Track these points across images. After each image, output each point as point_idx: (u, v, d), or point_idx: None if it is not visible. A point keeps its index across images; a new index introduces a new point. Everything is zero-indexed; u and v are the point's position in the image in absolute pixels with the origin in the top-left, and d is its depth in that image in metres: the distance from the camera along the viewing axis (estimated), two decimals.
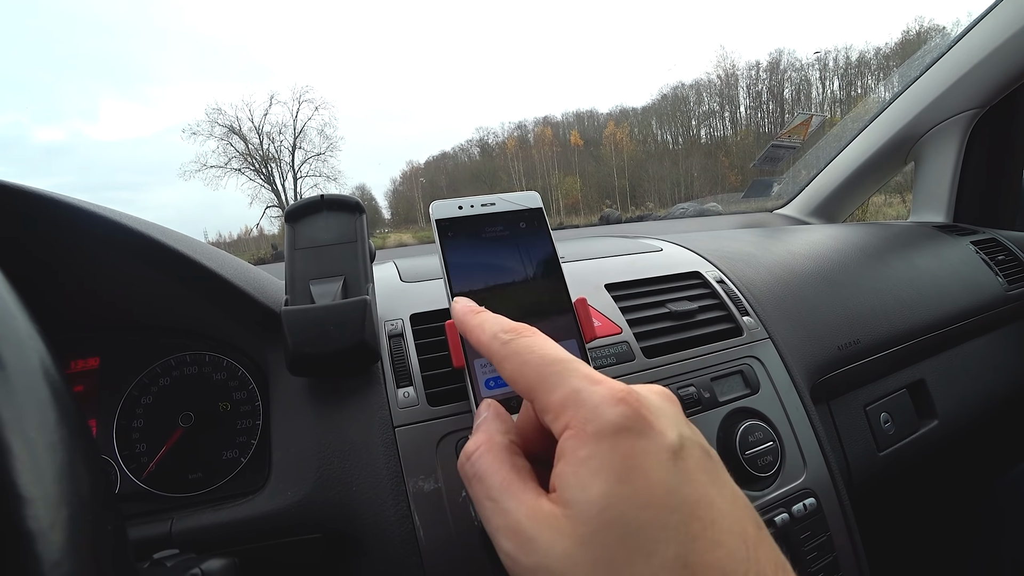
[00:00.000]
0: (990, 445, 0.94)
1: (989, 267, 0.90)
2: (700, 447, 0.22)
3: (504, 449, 0.25)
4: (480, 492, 0.24)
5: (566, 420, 0.22)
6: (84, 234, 0.37)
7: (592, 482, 0.20)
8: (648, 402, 0.22)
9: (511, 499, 0.22)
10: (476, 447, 0.25)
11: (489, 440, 0.25)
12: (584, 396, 0.22)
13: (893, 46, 25.41)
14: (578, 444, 0.21)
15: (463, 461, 0.26)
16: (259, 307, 0.42)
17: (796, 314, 0.63)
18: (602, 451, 0.20)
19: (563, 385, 0.22)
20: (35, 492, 0.14)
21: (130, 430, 0.43)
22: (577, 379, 0.22)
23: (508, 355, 0.25)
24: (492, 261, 0.41)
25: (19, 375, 0.16)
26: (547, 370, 0.23)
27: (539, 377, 0.23)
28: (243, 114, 17.85)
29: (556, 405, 0.22)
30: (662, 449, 0.20)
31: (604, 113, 31.87)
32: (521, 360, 0.25)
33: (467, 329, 0.29)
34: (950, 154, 1.07)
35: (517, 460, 0.24)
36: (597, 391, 0.22)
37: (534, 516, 0.21)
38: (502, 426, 0.26)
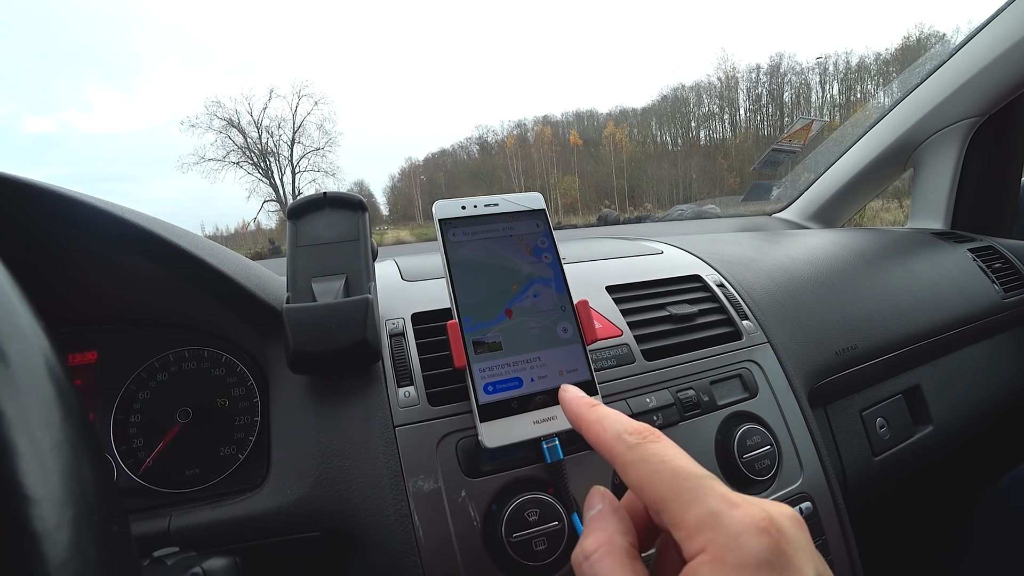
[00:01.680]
0: (985, 451, 0.95)
1: (986, 275, 0.90)
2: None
3: (625, 553, 0.24)
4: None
5: (703, 543, 0.21)
6: (84, 228, 0.37)
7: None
8: (788, 534, 0.21)
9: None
10: (596, 547, 0.24)
11: (610, 541, 0.24)
12: (723, 521, 0.21)
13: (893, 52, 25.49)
14: (716, 569, 0.20)
15: (580, 560, 0.25)
16: (260, 304, 0.42)
17: (795, 319, 0.63)
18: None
19: (699, 505, 0.22)
20: (41, 492, 0.14)
21: (127, 425, 0.42)
22: (715, 499, 0.22)
23: (635, 461, 0.24)
24: (494, 261, 0.41)
25: (24, 373, 0.16)
26: (681, 485, 0.22)
27: (672, 492, 0.23)
28: (242, 108, 17.76)
29: (692, 525, 0.21)
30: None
31: (604, 113, 31.85)
32: (652, 470, 0.24)
33: (583, 425, 0.28)
34: (949, 162, 1.08)
35: (638, 566, 0.24)
36: (737, 516, 0.21)
37: None
38: (621, 526, 0.25)
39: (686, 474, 0.23)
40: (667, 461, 0.23)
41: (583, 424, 0.28)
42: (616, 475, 0.43)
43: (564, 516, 0.39)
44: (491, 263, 0.41)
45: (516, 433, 0.37)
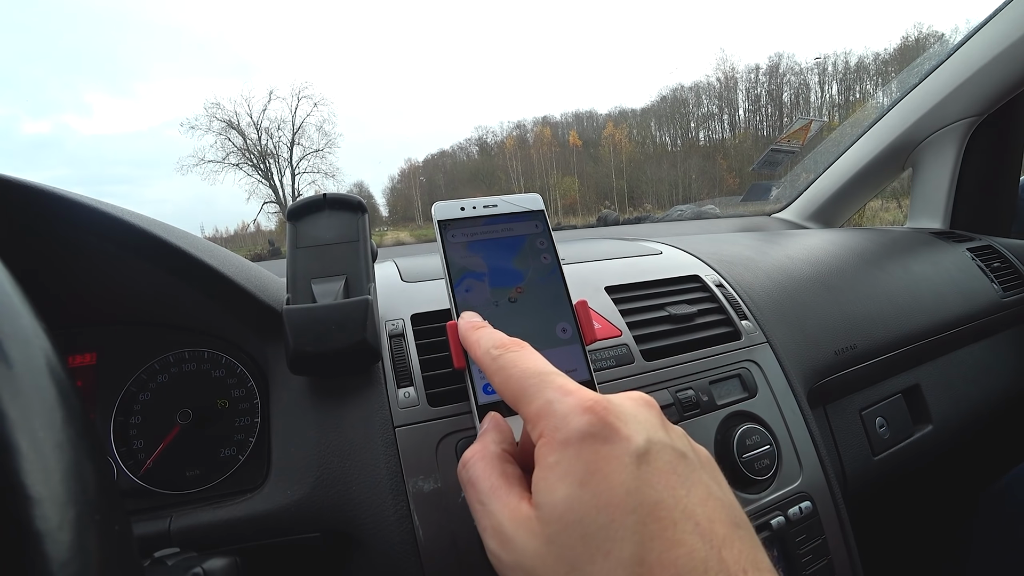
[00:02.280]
0: (985, 450, 0.95)
1: (985, 274, 0.90)
2: (672, 449, 0.23)
3: (496, 457, 0.27)
4: (472, 496, 0.26)
5: (540, 429, 0.23)
6: (84, 229, 0.37)
7: (557, 486, 0.21)
8: (618, 410, 0.23)
9: (496, 502, 0.24)
10: (472, 455, 0.27)
11: (483, 449, 0.27)
12: (555, 406, 0.23)
13: (892, 52, 25.52)
14: (548, 451, 0.22)
15: (460, 468, 0.28)
16: (260, 305, 0.42)
17: (794, 319, 0.63)
18: (568, 457, 0.22)
19: (538, 397, 0.24)
20: (43, 492, 0.14)
21: (127, 426, 0.42)
22: (551, 391, 0.24)
23: (496, 369, 0.27)
24: (493, 262, 0.41)
25: (25, 374, 0.16)
26: (526, 383, 0.25)
27: (520, 389, 0.25)
28: (241, 109, 17.76)
29: (533, 415, 0.24)
30: (625, 453, 0.21)
31: (603, 114, 31.88)
32: (506, 374, 0.27)
33: (467, 344, 0.32)
34: (947, 161, 1.08)
35: (507, 467, 0.26)
36: (567, 401, 0.23)
37: (514, 518, 0.23)
38: (498, 436, 0.28)
39: (532, 373, 0.26)
40: (519, 365, 0.26)
41: (467, 344, 0.32)
42: None
43: None
44: (490, 264, 0.41)
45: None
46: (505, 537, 0.23)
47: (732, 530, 0.20)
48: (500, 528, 0.23)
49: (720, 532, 0.20)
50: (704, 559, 0.19)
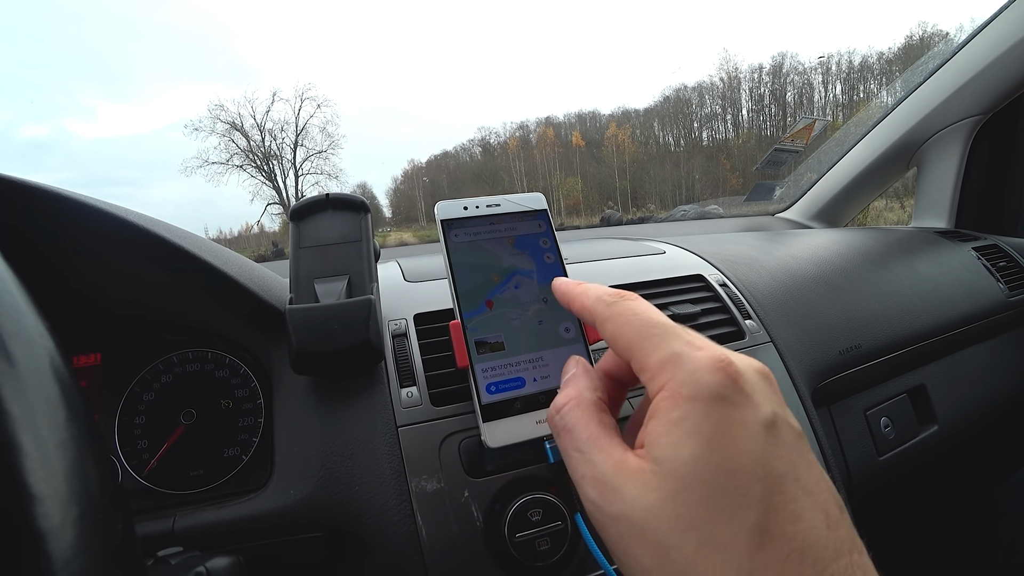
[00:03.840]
0: (990, 451, 0.94)
1: (990, 273, 0.90)
2: (791, 426, 0.22)
3: (592, 405, 0.26)
4: (568, 443, 0.25)
5: (663, 381, 0.22)
6: (89, 230, 0.37)
7: (684, 443, 0.21)
8: (746, 375, 0.22)
9: (599, 452, 0.23)
10: (567, 401, 0.26)
11: (579, 395, 0.26)
12: (684, 360, 0.22)
13: (896, 51, 25.41)
14: (673, 406, 0.21)
15: (552, 414, 0.27)
16: (263, 305, 0.43)
17: (798, 318, 0.63)
18: (697, 415, 0.21)
19: (664, 347, 0.23)
20: (46, 490, 0.14)
21: (132, 427, 0.43)
22: (679, 343, 0.23)
23: (611, 316, 0.26)
24: (496, 262, 0.41)
25: (29, 372, 0.16)
26: (648, 331, 0.24)
27: (640, 337, 0.24)
28: (245, 111, 17.82)
29: (655, 366, 0.23)
30: (755, 421, 0.21)
31: (606, 114, 31.81)
32: (623, 320, 0.25)
33: (571, 296, 0.30)
34: (952, 160, 1.07)
35: (604, 416, 0.25)
36: (698, 356, 0.22)
37: (621, 469, 0.22)
38: (590, 383, 0.27)
39: (654, 323, 0.24)
40: (639, 313, 0.25)
41: (570, 296, 0.30)
42: None
43: (567, 516, 0.39)
44: (493, 264, 0.41)
45: (519, 433, 0.37)
46: (610, 487, 0.22)
47: (840, 513, 0.21)
48: (603, 478, 0.22)
49: (833, 513, 0.20)
50: (823, 536, 0.19)
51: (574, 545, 0.39)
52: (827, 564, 0.19)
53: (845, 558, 0.19)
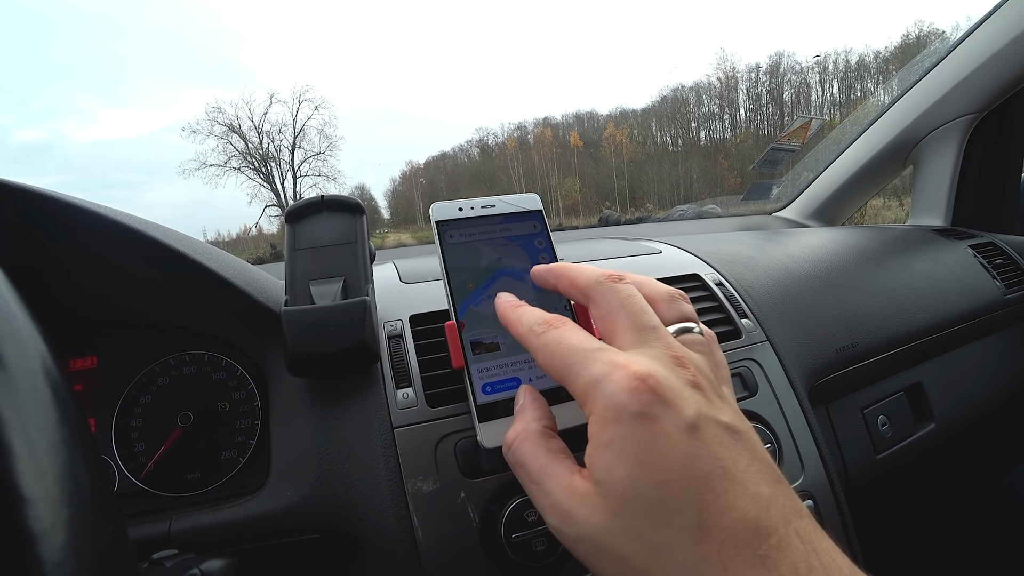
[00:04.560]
0: (988, 448, 0.94)
1: (987, 271, 0.90)
2: (716, 422, 0.23)
3: (539, 435, 0.27)
4: (523, 477, 0.27)
5: (590, 407, 0.24)
6: (85, 233, 0.37)
7: (616, 464, 0.22)
8: (667, 384, 0.23)
9: (549, 481, 0.25)
10: (515, 436, 0.28)
11: (525, 429, 0.28)
12: (603, 384, 0.24)
13: (893, 50, 25.45)
14: (601, 430, 0.23)
15: (505, 450, 0.28)
16: (259, 307, 0.43)
17: (795, 317, 0.63)
18: (622, 436, 0.22)
19: (585, 374, 0.24)
20: (37, 493, 0.14)
21: (128, 429, 0.43)
22: (598, 367, 0.24)
23: (540, 347, 0.27)
24: (492, 263, 0.41)
25: (21, 375, 0.16)
26: (571, 360, 0.25)
27: (565, 367, 0.26)
28: (243, 113, 17.81)
29: (580, 393, 0.25)
30: (676, 430, 0.22)
31: (604, 114, 31.84)
32: (550, 351, 0.27)
33: (508, 323, 0.32)
34: (949, 158, 1.08)
35: (552, 443, 0.27)
36: (616, 378, 0.23)
37: (571, 495, 0.24)
38: (536, 413, 0.29)
39: (577, 349, 0.26)
40: (563, 342, 0.26)
41: (508, 323, 0.31)
42: None
43: None
44: (489, 265, 0.41)
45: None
46: (565, 514, 0.24)
47: (775, 487, 0.22)
48: (558, 506, 0.24)
49: (765, 492, 0.22)
50: (755, 519, 0.21)
51: None
52: (760, 543, 0.20)
53: (780, 531, 0.21)
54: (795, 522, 0.21)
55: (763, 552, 0.20)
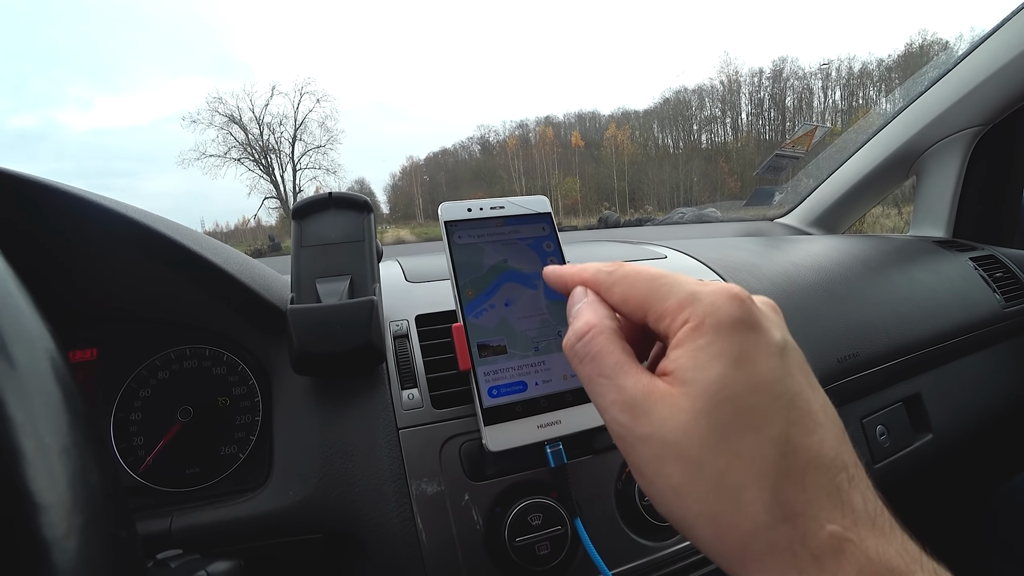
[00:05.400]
0: (984, 459, 0.95)
1: (987, 284, 0.90)
2: (799, 352, 0.24)
3: (614, 332, 0.26)
4: (593, 371, 0.25)
5: (685, 317, 0.23)
6: (86, 225, 0.37)
7: (711, 365, 0.22)
8: (758, 304, 0.24)
9: (627, 377, 0.24)
10: (588, 328, 0.26)
11: (600, 322, 0.26)
12: (701, 296, 0.24)
13: (896, 58, 25.51)
14: (697, 334, 0.23)
15: (572, 342, 0.27)
16: (264, 304, 0.42)
17: (797, 325, 0.63)
18: (720, 340, 0.22)
19: (678, 290, 0.24)
20: (50, 498, 0.13)
21: (128, 423, 0.42)
22: (691, 284, 0.24)
23: (617, 280, 0.27)
24: (500, 265, 0.41)
25: (30, 376, 0.15)
26: (659, 283, 0.25)
27: (651, 290, 0.25)
28: (244, 104, 17.72)
29: (674, 308, 0.24)
30: (771, 344, 0.23)
31: (606, 115, 31.79)
32: (630, 282, 0.26)
33: (568, 275, 0.30)
34: (952, 170, 1.08)
35: (625, 344, 0.26)
36: (712, 289, 0.24)
37: (650, 393, 0.23)
38: (607, 311, 0.27)
39: (661, 275, 0.26)
40: (643, 271, 0.26)
41: (567, 276, 0.30)
42: (620, 479, 0.43)
43: (567, 521, 0.39)
44: (497, 266, 0.41)
45: (520, 437, 0.37)
46: (640, 410, 0.23)
47: (843, 433, 0.23)
48: (632, 402, 0.23)
49: (839, 431, 0.22)
50: (834, 448, 0.21)
51: (574, 549, 0.39)
52: (837, 474, 0.21)
53: (852, 470, 0.21)
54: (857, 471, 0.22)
55: (839, 483, 0.21)
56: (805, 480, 0.20)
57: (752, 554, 0.20)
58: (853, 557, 0.19)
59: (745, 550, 0.20)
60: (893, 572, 0.19)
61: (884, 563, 0.19)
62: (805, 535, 0.20)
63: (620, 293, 0.27)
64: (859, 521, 0.20)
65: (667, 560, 0.43)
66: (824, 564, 0.19)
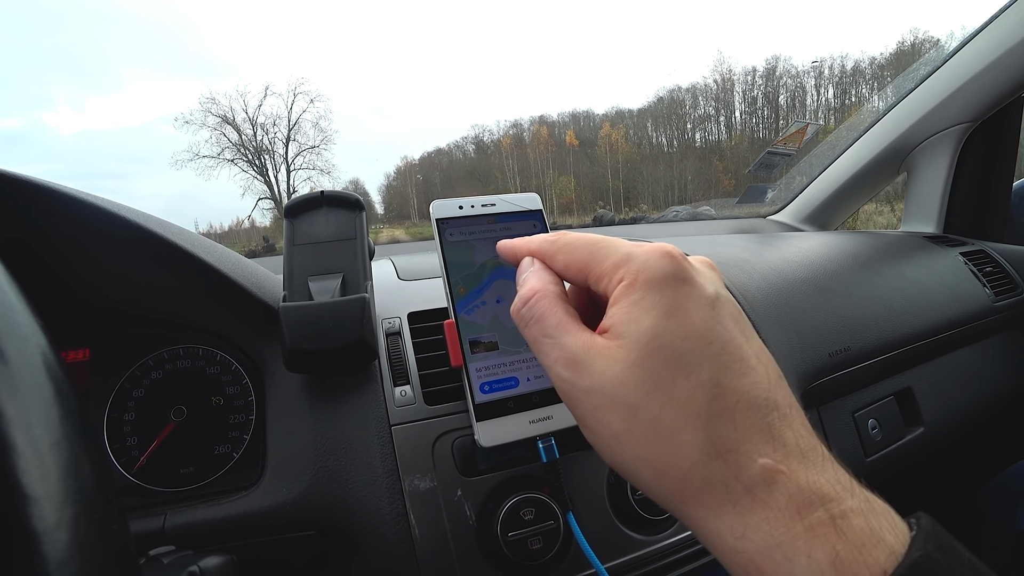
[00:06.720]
0: (976, 451, 0.96)
1: (977, 278, 0.91)
2: (732, 302, 0.25)
3: (557, 296, 0.28)
4: (538, 332, 0.27)
5: (620, 275, 0.25)
6: (81, 225, 0.37)
7: (643, 317, 0.23)
8: (690, 261, 0.26)
9: (568, 335, 0.25)
10: (532, 293, 0.28)
11: (544, 287, 0.28)
12: (635, 255, 0.25)
13: (888, 56, 25.65)
14: (631, 290, 0.24)
15: (519, 307, 0.28)
16: (257, 303, 0.42)
17: (789, 320, 0.64)
18: (652, 294, 0.24)
19: (615, 252, 0.26)
20: (41, 491, 0.14)
21: (121, 423, 0.42)
22: (625, 246, 0.26)
23: (559, 248, 0.29)
24: (491, 262, 0.41)
25: (23, 371, 0.16)
26: (596, 247, 0.27)
27: (590, 254, 0.27)
28: (237, 105, 17.64)
29: (610, 268, 0.26)
30: (702, 296, 0.24)
31: (600, 114, 31.82)
32: (572, 248, 0.28)
33: (515, 249, 0.32)
34: (942, 166, 1.09)
35: (568, 307, 0.27)
36: (645, 248, 0.25)
37: (589, 348, 0.24)
38: (552, 277, 0.29)
39: (599, 240, 0.27)
40: (583, 238, 0.28)
41: (515, 248, 0.32)
42: (611, 474, 0.44)
43: (559, 515, 0.39)
44: (488, 263, 0.41)
45: (512, 432, 0.37)
46: (581, 365, 0.24)
47: (778, 379, 0.24)
48: (574, 358, 0.24)
49: (772, 375, 0.23)
50: (766, 389, 0.22)
51: (566, 544, 0.39)
52: (768, 412, 0.22)
53: (784, 409, 0.22)
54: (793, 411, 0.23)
55: (770, 421, 0.22)
56: (736, 419, 0.21)
57: (691, 491, 0.21)
58: (784, 487, 0.20)
59: (684, 488, 0.22)
60: (823, 498, 0.20)
61: (815, 491, 0.20)
62: (738, 469, 0.21)
63: (563, 260, 0.28)
64: (790, 454, 0.21)
65: (659, 554, 0.43)
66: (756, 495, 0.20)
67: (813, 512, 0.20)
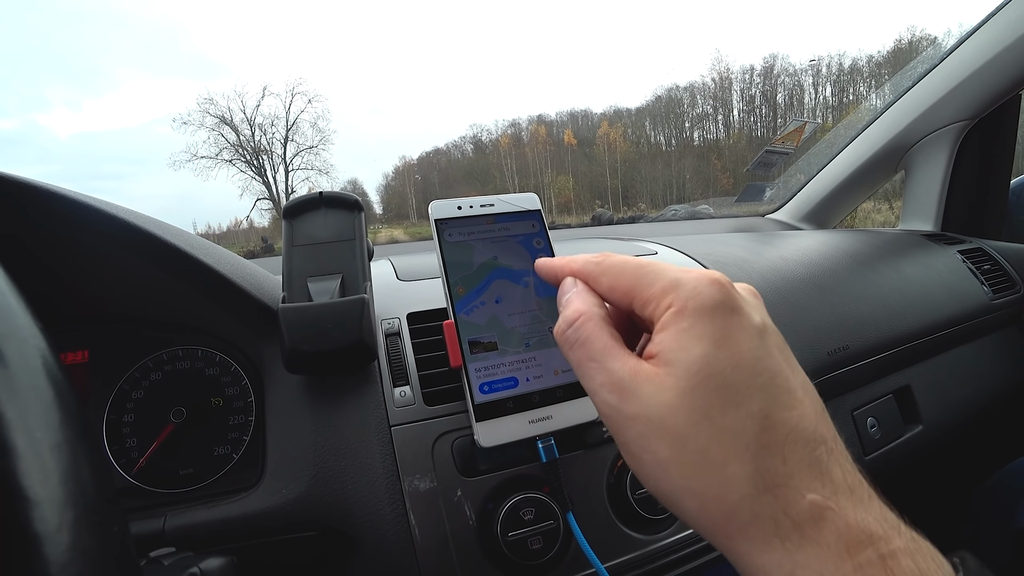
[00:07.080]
0: (974, 449, 0.96)
1: (975, 276, 0.91)
2: (778, 334, 0.25)
3: (602, 318, 0.27)
4: (583, 355, 0.27)
5: (668, 301, 0.25)
6: (80, 227, 0.37)
7: (694, 346, 0.23)
8: (737, 288, 0.25)
9: (614, 360, 0.25)
10: (577, 315, 0.28)
11: (589, 309, 0.28)
12: (684, 281, 0.25)
13: (885, 54, 25.67)
14: (680, 318, 0.24)
15: (563, 328, 0.28)
16: (256, 304, 0.42)
17: (787, 319, 0.64)
18: (702, 322, 0.23)
19: (662, 277, 0.25)
20: (42, 494, 0.14)
21: (120, 424, 0.42)
22: (673, 271, 0.26)
23: (604, 270, 0.28)
24: (490, 262, 0.41)
25: (22, 373, 0.16)
26: (643, 271, 0.26)
27: (636, 277, 0.26)
28: (235, 105, 17.61)
29: (658, 293, 0.25)
30: (751, 326, 0.24)
31: (598, 113, 31.84)
32: (617, 271, 0.28)
33: (557, 267, 0.31)
34: (940, 164, 1.09)
35: (612, 330, 0.27)
36: (694, 275, 0.25)
37: (636, 374, 0.24)
38: (595, 299, 0.28)
39: (646, 264, 0.27)
40: (629, 261, 0.28)
41: (556, 268, 0.32)
42: (610, 473, 0.44)
43: (559, 515, 0.39)
44: (487, 263, 0.41)
45: (512, 433, 0.37)
46: (628, 391, 0.24)
47: (823, 410, 0.24)
48: (620, 383, 0.24)
49: (818, 408, 0.23)
50: (814, 423, 0.22)
51: (566, 544, 0.40)
52: (816, 447, 0.22)
53: (831, 443, 0.22)
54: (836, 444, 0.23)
55: (818, 455, 0.21)
56: (785, 452, 0.21)
57: (737, 524, 0.21)
58: (833, 524, 0.20)
59: (730, 521, 0.21)
60: (872, 537, 0.20)
61: (863, 529, 0.20)
62: (787, 504, 0.20)
63: (607, 282, 0.28)
64: (838, 490, 0.21)
65: (659, 553, 0.43)
66: (805, 531, 0.20)
67: (862, 551, 0.19)
